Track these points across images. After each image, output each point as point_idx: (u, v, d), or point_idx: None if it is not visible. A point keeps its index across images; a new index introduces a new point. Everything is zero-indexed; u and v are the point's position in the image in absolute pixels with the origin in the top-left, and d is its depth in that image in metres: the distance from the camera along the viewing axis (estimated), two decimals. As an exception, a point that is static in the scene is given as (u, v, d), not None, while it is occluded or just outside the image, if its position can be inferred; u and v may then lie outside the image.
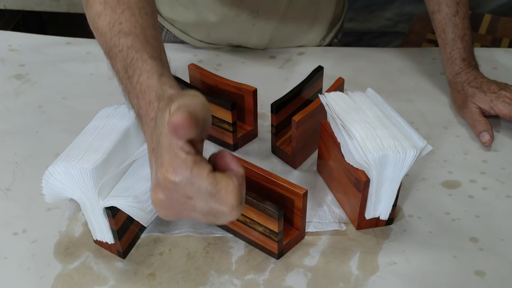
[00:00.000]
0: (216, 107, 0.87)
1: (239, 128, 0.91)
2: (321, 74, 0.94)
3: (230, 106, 0.86)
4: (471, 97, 0.96)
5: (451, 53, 1.00)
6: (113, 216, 0.70)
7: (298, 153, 0.87)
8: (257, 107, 0.91)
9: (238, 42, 1.15)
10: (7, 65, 1.14)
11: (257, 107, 0.91)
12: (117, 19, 0.66)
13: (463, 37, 1.00)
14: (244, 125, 0.93)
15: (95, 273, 0.73)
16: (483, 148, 0.93)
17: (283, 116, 0.89)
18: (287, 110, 0.89)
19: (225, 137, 0.91)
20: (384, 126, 0.75)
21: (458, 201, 0.83)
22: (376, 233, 0.78)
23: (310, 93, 0.93)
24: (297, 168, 0.89)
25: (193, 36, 1.16)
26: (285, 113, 0.89)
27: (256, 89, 0.88)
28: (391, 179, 0.72)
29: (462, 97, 0.98)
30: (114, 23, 0.66)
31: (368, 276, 0.72)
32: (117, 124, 0.75)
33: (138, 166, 0.74)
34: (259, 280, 0.72)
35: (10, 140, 0.95)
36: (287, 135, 0.91)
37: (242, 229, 0.76)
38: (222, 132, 0.90)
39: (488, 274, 0.73)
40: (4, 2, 2.03)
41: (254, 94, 0.88)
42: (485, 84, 0.96)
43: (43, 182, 0.69)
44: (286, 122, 0.91)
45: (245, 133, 0.92)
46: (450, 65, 1.00)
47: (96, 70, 1.12)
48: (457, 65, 1.00)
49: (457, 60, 1.00)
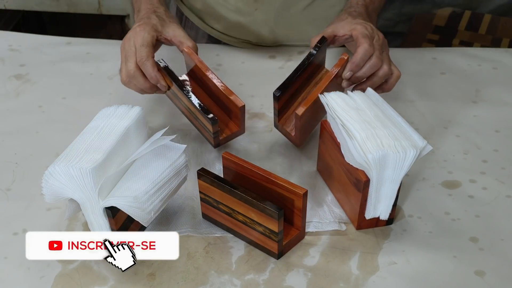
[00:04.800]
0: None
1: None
2: (325, 44, 0.91)
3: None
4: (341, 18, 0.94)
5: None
6: (113, 216, 0.70)
7: (301, 135, 0.88)
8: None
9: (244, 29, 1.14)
10: (7, 65, 1.14)
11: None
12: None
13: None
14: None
15: (95, 273, 0.73)
16: (483, 148, 0.93)
17: (286, 97, 0.87)
18: (291, 90, 0.87)
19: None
20: (384, 126, 0.75)
21: (458, 201, 0.83)
22: (376, 233, 0.78)
23: (315, 63, 0.91)
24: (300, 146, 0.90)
25: (208, 23, 1.17)
26: (288, 93, 0.87)
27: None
28: (391, 179, 0.72)
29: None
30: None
31: (368, 276, 0.72)
32: (117, 124, 0.75)
33: (138, 166, 0.74)
34: (259, 280, 0.72)
35: (10, 140, 0.95)
36: (291, 110, 0.89)
37: (242, 229, 0.76)
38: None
39: (488, 274, 0.72)
40: (4, 2, 2.03)
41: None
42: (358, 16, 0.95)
43: (43, 182, 0.69)
44: (290, 101, 0.89)
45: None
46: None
47: (96, 70, 1.12)
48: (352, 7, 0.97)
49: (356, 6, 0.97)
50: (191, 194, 0.84)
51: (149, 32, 0.87)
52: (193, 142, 0.94)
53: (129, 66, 0.85)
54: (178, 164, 0.75)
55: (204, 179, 0.76)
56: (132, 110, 0.78)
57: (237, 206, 0.74)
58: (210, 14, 1.15)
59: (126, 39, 0.88)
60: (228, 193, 0.74)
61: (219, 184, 0.74)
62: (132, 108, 0.79)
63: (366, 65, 0.85)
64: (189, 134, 0.95)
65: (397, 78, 0.90)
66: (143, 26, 0.87)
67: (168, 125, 0.84)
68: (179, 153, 0.76)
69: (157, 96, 1.04)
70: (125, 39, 0.88)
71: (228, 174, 0.79)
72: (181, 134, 0.95)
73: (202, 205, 0.79)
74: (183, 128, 0.96)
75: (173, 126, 0.96)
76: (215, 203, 0.76)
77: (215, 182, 0.74)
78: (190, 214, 0.81)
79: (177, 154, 0.75)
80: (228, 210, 0.75)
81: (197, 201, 0.82)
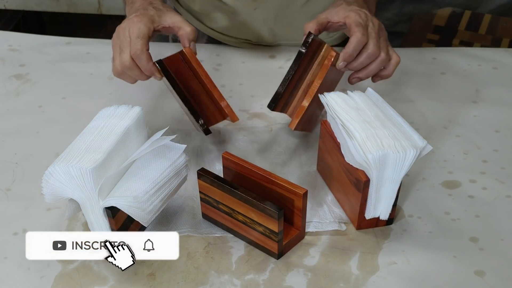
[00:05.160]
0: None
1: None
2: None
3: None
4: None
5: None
6: (113, 216, 0.70)
7: (306, 127, 0.90)
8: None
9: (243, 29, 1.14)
10: (7, 65, 1.14)
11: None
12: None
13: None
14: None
15: (95, 273, 0.73)
16: (483, 148, 0.93)
17: (286, 95, 0.86)
18: (289, 87, 0.86)
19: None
20: (384, 126, 0.75)
21: (458, 201, 0.83)
22: (376, 233, 0.78)
23: (313, 47, 0.87)
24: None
25: (207, 24, 1.16)
26: (288, 91, 0.86)
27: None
28: (391, 179, 0.72)
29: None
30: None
31: (368, 276, 0.72)
32: (117, 124, 0.75)
33: (138, 166, 0.74)
34: (259, 280, 0.72)
35: (10, 140, 0.95)
36: (295, 100, 0.88)
37: (242, 229, 0.76)
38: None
39: (488, 274, 0.72)
40: (4, 2, 2.03)
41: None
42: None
43: (43, 182, 0.69)
44: (293, 92, 0.87)
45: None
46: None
47: (96, 70, 1.12)
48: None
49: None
50: (191, 194, 0.84)
51: (145, 24, 0.84)
52: (193, 142, 0.94)
53: (124, 57, 0.82)
54: (178, 164, 0.75)
55: (204, 179, 0.76)
56: (132, 110, 0.78)
57: (237, 206, 0.74)
58: (208, 15, 1.14)
59: (120, 28, 0.85)
60: (228, 193, 0.74)
61: (219, 184, 0.74)
62: (132, 108, 0.79)
63: (363, 55, 0.84)
64: (189, 134, 0.95)
65: (396, 63, 0.88)
66: (139, 17, 0.84)
67: (168, 125, 0.84)
68: (179, 153, 0.76)
69: (157, 96, 1.04)
70: (120, 28, 0.85)
71: (228, 174, 0.79)
72: (181, 134, 0.95)
73: (202, 205, 0.79)
74: (183, 128, 0.96)
75: (173, 126, 0.96)
76: (215, 203, 0.77)
77: (215, 182, 0.74)
78: (190, 214, 0.81)
79: (177, 154, 0.75)
80: (228, 210, 0.75)
81: (197, 201, 0.82)
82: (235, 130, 0.97)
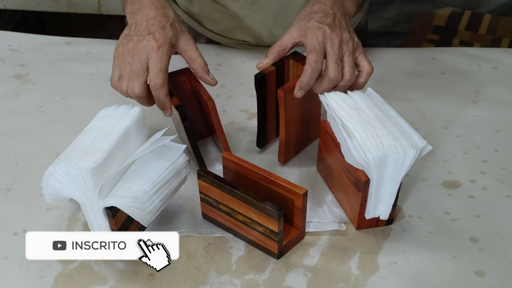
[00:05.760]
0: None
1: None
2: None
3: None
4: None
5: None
6: (113, 216, 0.70)
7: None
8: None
9: (242, 30, 1.14)
10: (7, 65, 1.14)
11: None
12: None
13: None
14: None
15: (95, 273, 0.73)
16: (483, 148, 0.93)
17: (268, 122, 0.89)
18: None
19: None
20: (384, 126, 0.75)
21: (458, 201, 0.83)
22: (376, 233, 0.78)
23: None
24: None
25: (206, 26, 1.16)
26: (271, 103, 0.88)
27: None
28: (391, 179, 0.72)
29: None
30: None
31: (368, 276, 0.72)
32: (117, 124, 0.75)
33: (138, 166, 0.74)
34: (259, 280, 0.72)
35: (10, 140, 0.95)
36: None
37: (242, 229, 0.76)
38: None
39: (488, 274, 0.73)
40: (4, 2, 2.03)
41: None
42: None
43: (43, 182, 0.69)
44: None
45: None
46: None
47: (96, 70, 1.12)
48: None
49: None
50: (191, 194, 0.84)
51: (167, 53, 0.79)
52: (193, 142, 0.94)
53: (135, 84, 0.78)
54: (178, 164, 0.75)
55: (204, 179, 0.76)
56: (132, 110, 0.78)
57: (237, 206, 0.74)
58: (207, 17, 1.14)
59: (136, 50, 0.78)
60: (228, 193, 0.74)
61: (219, 184, 0.74)
62: (132, 108, 0.79)
63: (325, 81, 0.79)
64: (189, 134, 0.95)
65: (368, 75, 0.82)
66: (160, 41, 0.78)
67: (168, 125, 0.84)
68: (179, 153, 0.76)
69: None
70: (135, 49, 0.78)
71: (228, 174, 0.79)
72: (181, 134, 0.95)
73: (202, 205, 0.79)
74: (183, 128, 0.96)
75: (173, 126, 0.96)
76: (215, 203, 0.77)
77: (215, 182, 0.74)
78: (190, 214, 0.81)
79: (177, 154, 0.75)
80: (228, 210, 0.75)
81: (197, 201, 0.82)
82: (235, 130, 0.97)
